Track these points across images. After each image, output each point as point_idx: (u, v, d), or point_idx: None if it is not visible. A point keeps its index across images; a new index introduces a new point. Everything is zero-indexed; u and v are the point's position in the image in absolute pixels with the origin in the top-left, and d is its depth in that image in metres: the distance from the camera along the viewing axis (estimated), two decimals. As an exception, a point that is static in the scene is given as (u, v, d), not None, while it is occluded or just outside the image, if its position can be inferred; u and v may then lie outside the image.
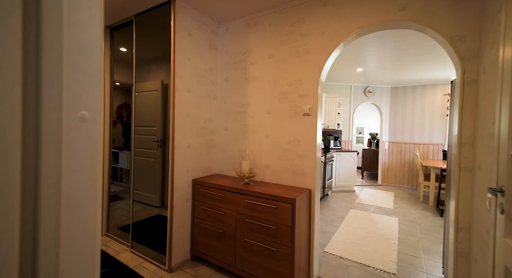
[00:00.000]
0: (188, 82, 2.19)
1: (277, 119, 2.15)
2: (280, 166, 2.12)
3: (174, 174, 2.09)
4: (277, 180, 2.14)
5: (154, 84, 3.91)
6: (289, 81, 2.10)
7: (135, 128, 4.08)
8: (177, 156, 2.10)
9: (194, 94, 2.27)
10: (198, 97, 2.31)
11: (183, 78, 2.15)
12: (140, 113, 4.02)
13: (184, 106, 2.16)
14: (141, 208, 3.82)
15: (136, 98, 4.09)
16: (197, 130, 2.31)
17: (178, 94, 2.10)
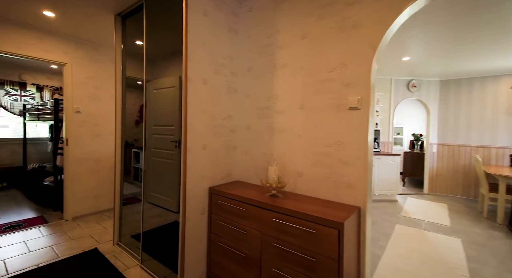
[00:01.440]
0: (203, 71, 1.83)
1: (313, 115, 1.70)
2: (317, 175, 1.66)
3: (187, 181, 1.73)
4: (313, 193, 1.68)
5: (171, 80, 3.65)
6: (328, 66, 1.63)
7: (152, 127, 3.86)
8: (190, 160, 1.74)
9: (211, 86, 1.90)
10: (215, 90, 1.94)
11: (198, 66, 1.79)
12: (157, 111, 3.78)
13: (198, 100, 1.80)
14: (157, 212, 3.58)
15: (153, 96, 3.87)
16: (214, 129, 1.93)
17: (192, 85, 1.74)
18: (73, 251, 2.32)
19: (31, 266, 2.05)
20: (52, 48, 2.89)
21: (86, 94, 3.17)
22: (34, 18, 2.55)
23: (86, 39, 3.12)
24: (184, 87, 1.72)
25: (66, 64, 3.01)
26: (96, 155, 3.28)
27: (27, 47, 2.72)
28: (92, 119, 3.23)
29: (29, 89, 4.67)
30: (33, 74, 4.73)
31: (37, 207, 3.46)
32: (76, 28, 2.79)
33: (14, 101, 4.51)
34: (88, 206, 3.22)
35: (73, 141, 3.06)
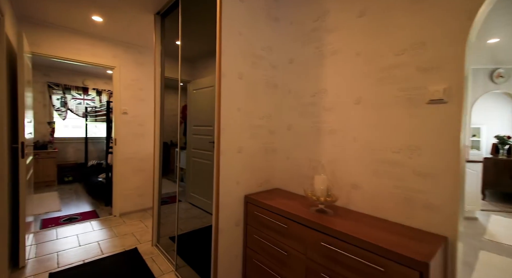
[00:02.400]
0: (239, 64, 1.62)
1: (373, 112, 1.33)
2: (379, 188, 1.29)
3: (220, 187, 1.54)
4: (373, 210, 1.32)
5: (210, 80, 3.58)
6: (396, 47, 1.25)
7: (192, 127, 3.87)
8: (224, 164, 1.55)
9: (248, 81, 1.68)
10: (252, 85, 1.71)
11: (233, 59, 1.58)
12: (197, 112, 3.76)
13: (233, 97, 1.59)
14: (196, 214, 3.55)
15: (193, 96, 3.86)
16: (251, 129, 1.71)
17: (226, 80, 1.55)
18: (115, 249, 2.36)
19: (78, 261, 2.13)
20: (102, 53, 3.06)
21: (132, 96, 3.30)
22: (86, 25, 2.71)
23: (132, 42, 3.23)
24: (217, 83, 1.53)
25: (115, 68, 3.16)
26: (140, 155, 3.39)
27: (82, 53, 2.91)
28: (137, 119, 3.35)
29: (90, 93, 5.20)
30: (93, 79, 5.25)
31: (92, 201, 3.76)
32: (122, 32, 2.89)
33: (78, 104, 5.07)
34: (133, 203, 3.35)
35: (120, 141, 3.21)
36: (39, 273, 1.95)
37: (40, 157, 4.39)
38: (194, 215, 3.33)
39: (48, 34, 2.69)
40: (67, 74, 4.94)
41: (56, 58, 2.76)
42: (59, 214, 3.20)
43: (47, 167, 4.47)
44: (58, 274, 1.94)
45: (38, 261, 2.11)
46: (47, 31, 2.68)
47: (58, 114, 4.86)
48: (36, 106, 4.63)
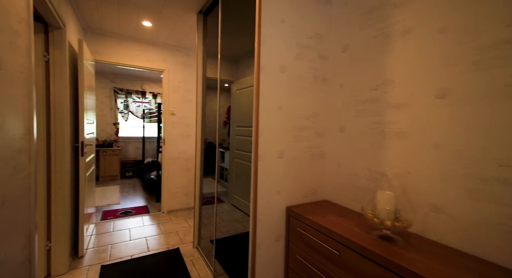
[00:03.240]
0: (281, 56, 1.40)
1: (468, 108, 0.95)
2: (479, 215, 0.92)
3: (258, 197, 1.36)
4: (466, 244, 0.95)
5: (252, 79, 3.45)
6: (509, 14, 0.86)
7: (235, 128, 3.80)
8: (262, 170, 1.36)
9: (291, 76, 1.45)
10: (297, 80, 1.47)
11: (274, 50, 1.37)
12: (239, 112, 3.68)
13: (274, 93, 1.39)
14: (238, 216, 3.47)
15: (236, 96, 3.79)
16: (295, 131, 1.47)
17: (266, 75, 1.35)
18: (160, 247, 2.42)
19: (127, 256, 2.24)
20: (154, 57, 3.22)
21: (179, 97, 3.40)
22: (138, 31, 2.86)
23: (178, 45, 3.32)
24: (256, 78, 1.34)
25: (165, 71, 3.30)
26: (186, 155, 3.47)
27: (137, 58, 3.11)
28: (183, 120, 3.44)
29: (147, 97, 5.67)
30: (150, 84, 5.71)
31: (146, 196, 4.05)
32: (169, 35, 2.98)
33: (137, 107, 5.58)
34: (180, 202, 3.45)
35: (168, 141, 3.33)
36: (93, 264, 2.09)
37: (107, 154, 4.97)
38: (235, 218, 3.25)
39: (108, 43, 2.93)
40: (129, 80, 5.49)
41: (115, 64, 3.01)
42: (117, 207, 3.51)
43: (112, 163, 5.03)
44: (108, 267, 2.05)
45: (95, 251, 2.29)
46: (107, 40, 2.93)
47: (122, 115, 5.43)
48: (104, 108, 5.26)
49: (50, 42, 1.85)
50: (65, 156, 1.95)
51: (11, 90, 0.97)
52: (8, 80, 0.94)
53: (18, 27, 1.05)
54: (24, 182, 1.09)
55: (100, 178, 4.95)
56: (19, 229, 1.04)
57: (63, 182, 1.94)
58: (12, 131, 0.97)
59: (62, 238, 1.94)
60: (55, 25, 1.84)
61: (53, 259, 1.92)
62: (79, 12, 2.40)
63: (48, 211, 1.89)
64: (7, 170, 0.94)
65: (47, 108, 1.86)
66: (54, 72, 1.87)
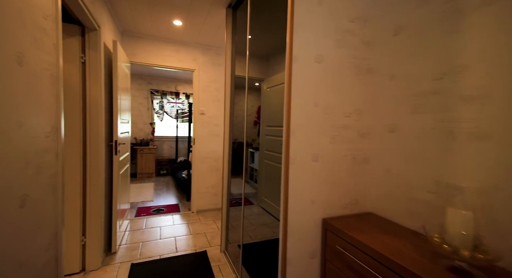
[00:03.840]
0: (318, 43, 1.21)
1: None
2: None
3: (289, 206, 1.19)
4: None
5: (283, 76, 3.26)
6: None
7: (265, 128, 3.65)
8: (294, 175, 1.18)
9: (329, 66, 1.24)
10: (336, 71, 1.26)
11: (309, 37, 1.19)
12: (269, 111, 3.51)
13: (308, 87, 1.20)
14: (268, 220, 3.31)
15: (266, 95, 3.64)
16: (333, 130, 1.26)
17: (298, 66, 1.17)
18: (188, 248, 2.38)
19: (156, 255, 2.23)
20: (184, 57, 3.23)
21: (209, 97, 3.37)
22: (169, 31, 2.88)
23: (208, 44, 3.29)
24: (287, 70, 1.17)
25: (195, 70, 3.29)
26: (216, 154, 3.43)
27: (168, 59, 3.15)
28: (213, 120, 3.40)
29: (181, 97, 5.84)
30: (183, 85, 5.87)
31: (177, 195, 4.13)
32: (199, 34, 2.95)
33: (171, 107, 5.77)
34: (209, 202, 3.42)
35: (198, 140, 3.32)
36: (124, 261, 2.12)
37: (144, 152, 5.22)
38: (265, 221, 3.10)
39: (143, 44, 3.01)
40: (164, 81, 5.71)
41: (149, 65, 3.08)
42: (150, 204, 3.62)
43: (148, 161, 5.27)
44: (138, 266, 2.06)
45: (127, 248, 2.34)
46: (142, 41, 3.01)
47: (157, 116, 5.67)
48: (142, 109, 5.54)
49: (86, 43, 1.91)
50: (99, 154, 2.00)
51: (33, 88, 0.94)
52: (30, 77, 0.92)
53: (44, 24, 1.03)
54: (49, 181, 1.08)
55: (138, 175, 5.22)
56: (43, 229, 1.02)
57: (98, 179, 1.99)
58: (34, 130, 0.95)
59: (96, 234, 2.00)
60: (91, 27, 1.89)
61: (88, 254, 1.98)
62: (115, 14, 2.48)
63: (84, 208, 1.95)
64: (29, 170, 0.91)
65: (83, 107, 1.92)
66: (90, 73, 1.93)
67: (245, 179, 3.82)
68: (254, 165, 4.52)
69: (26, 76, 0.89)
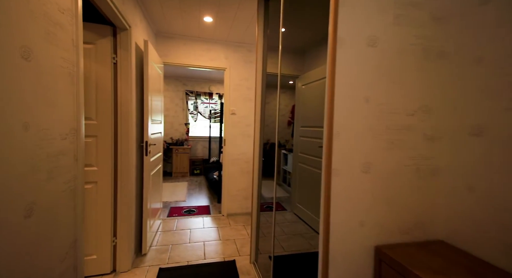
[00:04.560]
0: (370, 21, 0.94)
1: None
2: None
3: (331, 227, 0.94)
4: None
5: (322, 70, 2.95)
6: None
7: (299, 129, 3.38)
8: (338, 189, 0.93)
9: (385, 50, 0.96)
10: (394, 56, 0.98)
11: (358, 14, 0.93)
12: (305, 110, 3.22)
13: (357, 78, 0.94)
14: (302, 230, 3.03)
15: (301, 93, 3.35)
16: (389, 133, 0.98)
17: (345, 51, 0.92)
18: (216, 256, 2.25)
19: (183, 261, 2.16)
20: (216, 56, 3.14)
21: (240, 96, 3.23)
22: (200, 29, 2.80)
23: (240, 41, 3.15)
24: (330, 56, 0.93)
25: (226, 69, 3.18)
26: (247, 156, 3.28)
27: (200, 58, 3.09)
28: (244, 120, 3.25)
29: (214, 98, 5.86)
30: (216, 85, 5.88)
31: (209, 196, 4.09)
32: (230, 30, 2.82)
33: (205, 108, 5.83)
34: (239, 205, 3.28)
35: (229, 141, 3.21)
36: (153, 265, 2.08)
37: (179, 152, 5.34)
38: (299, 231, 2.84)
39: (175, 44, 3.00)
40: (198, 82, 5.79)
41: (181, 65, 3.06)
42: (183, 204, 3.63)
43: (182, 161, 5.38)
44: (165, 271, 1.99)
45: (156, 251, 2.31)
46: (174, 42, 3.00)
47: (191, 116, 5.77)
48: (178, 110, 5.70)
49: (118, 44, 1.90)
50: (130, 155, 1.98)
51: (45, 86, 0.86)
52: (40, 74, 0.84)
53: (61, 18, 0.96)
54: (66, 187, 1.01)
55: (173, 174, 5.36)
56: (57, 239, 0.95)
57: (128, 180, 1.97)
58: (46, 132, 0.87)
59: (126, 236, 1.98)
60: (121, 26, 1.87)
61: (118, 255, 1.97)
62: (148, 15, 2.47)
63: (115, 208, 1.95)
64: (39, 175, 0.84)
65: (115, 108, 1.91)
66: (121, 73, 1.92)
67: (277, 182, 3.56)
68: (287, 167, 4.27)
69: (35, 72, 0.81)
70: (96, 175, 1.87)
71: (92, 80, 1.82)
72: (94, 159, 1.85)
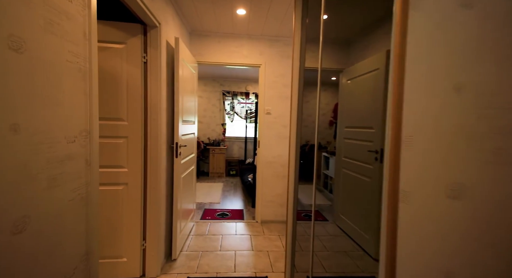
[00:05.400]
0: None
1: None
2: None
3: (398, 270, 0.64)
4: None
5: (373, 61, 2.50)
6: None
7: (344, 129, 2.97)
8: (406, 221, 0.63)
9: (487, 13, 0.61)
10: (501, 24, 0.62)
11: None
12: (351, 108, 2.81)
13: (440, 56, 0.61)
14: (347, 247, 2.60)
15: (346, 88, 2.94)
16: (496, 140, 0.63)
17: (420, 16, 0.61)
18: (247, 270, 2.06)
19: (213, 272, 2.01)
20: (250, 52, 2.96)
21: (276, 94, 2.99)
22: (234, 23, 2.65)
23: (276, 35, 2.90)
24: (397, 26, 0.63)
25: (261, 65, 2.98)
26: (283, 159, 3.02)
27: (234, 55, 2.95)
28: (280, 120, 3.00)
29: (250, 97, 5.73)
30: (253, 84, 5.74)
31: (243, 199, 3.94)
32: (265, 23, 2.60)
33: (241, 108, 5.73)
34: (274, 212, 3.05)
35: (263, 143, 3.00)
36: (181, 272, 1.99)
37: (215, 152, 5.35)
38: (342, 247, 2.48)
39: (209, 43, 2.91)
40: (235, 82, 5.73)
41: (214, 64, 2.96)
42: (217, 207, 3.54)
43: (219, 161, 5.38)
44: (192, 282, 1.87)
45: (187, 257, 2.22)
46: (208, 40, 2.91)
47: (228, 116, 5.74)
48: (215, 110, 5.72)
49: (148, 42, 1.84)
50: (159, 157, 1.91)
51: (44, 82, 0.76)
52: (36, 68, 0.73)
53: (68, 7, 0.86)
54: (74, 195, 0.91)
55: (210, 174, 5.39)
56: (60, 254, 0.85)
57: (157, 183, 1.91)
58: (46, 135, 0.77)
59: (155, 240, 1.92)
60: (151, 24, 1.80)
61: (148, 259, 1.92)
62: (180, 11, 2.41)
63: (144, 211, 1.90)
64: (35, 184, 0.73)
65: (145, 109, 1.86)
66: (151, 72, 1.86)
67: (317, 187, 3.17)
68: (329, 172, 3.87)
69: (28, 67, 0.70)
70: (126, 177, 1.84)
71: (123, 81, 1.79)
72: (125, 160, 1.82)
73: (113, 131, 1.79)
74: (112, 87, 1.77)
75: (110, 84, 1.76)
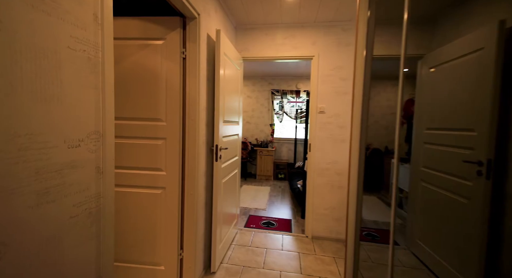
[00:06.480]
0: None
1: None
2: None
3: None
4: None
5: (473, 40, 1.81)
6: None
7: (423, 132, 2.31)
8: None
9: None
10: None
11: None
12: (434, 104, 2.15)
13: None
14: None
15: (426, 80, 2.28)
16: None
17: None
18: (292, 297, 1.72)
19: (253, 294, 1.75)
20: (300, 43, 2.60)
21: (331, 89, 2.55)
22: (283, 12, 2.33)
23: (333, 20, 2.47)
24: None
25: (314, 57, 2.58)
26: (339, 166, 2.56)
27: (282, 48, 2.64)
28: (336, 120, 2.55)
29: (301, 96, 5.31)
30: (304, 82, 5.31)
31: (292, 207, 3.59)
32: (320, 7, 2.21)
33: (291, 107, 5.37)
34: (328, 227, 2.61)
35: (315, 146, 2.60)
36: (218, 290, 1.78)
37: (263, 154, 5.13)
38: (420, 284, 1.89)
39: (255, 36, 2.68)
40: (285, 80, 5.40)
41: (260, 59, 2.71)
42: (262, 214, 3.29)
43: (267, 163, 5.13)
44: (230, 304, 1.64)
45: (226, 271, 2.01)
46: (254, 33, 2.67)
47: (277, 117, 5.45)
48: (263, 110, 5.51)
49: (187, 36, 1.69)
50: (197, 160, 1.75)
51: (29, 72, 0.60)
52: (16, 54, 0.57)
53: (70, -18, 0.70)
54: (79, 210, 0.75)
55: (257, 177, 5.20)
56: (57, 285, 0.69)
57: (195, 188, 1.75)
58: (35, 138, 0.61)
59: (193, 249, 1.77)
60: (190, 15, 1.64)
61: (185, 271, 1.78)
62: (225, 3, 2.23)
63: (182, 218, 1.77)
64: (17, 202, 0.58)
65: (183, 108, 1.72)
66: (189, 68, 1.70)
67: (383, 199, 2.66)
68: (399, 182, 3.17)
69: (3, 51, 0.54)
70: (165, 180, 1.73)
71: (162, 79, 1.68)
72: (163, 163, 1.71)
73: (152, 132, 1.70)
74: (152, 86, 1.68)
75: (150, 83, 1.68)
